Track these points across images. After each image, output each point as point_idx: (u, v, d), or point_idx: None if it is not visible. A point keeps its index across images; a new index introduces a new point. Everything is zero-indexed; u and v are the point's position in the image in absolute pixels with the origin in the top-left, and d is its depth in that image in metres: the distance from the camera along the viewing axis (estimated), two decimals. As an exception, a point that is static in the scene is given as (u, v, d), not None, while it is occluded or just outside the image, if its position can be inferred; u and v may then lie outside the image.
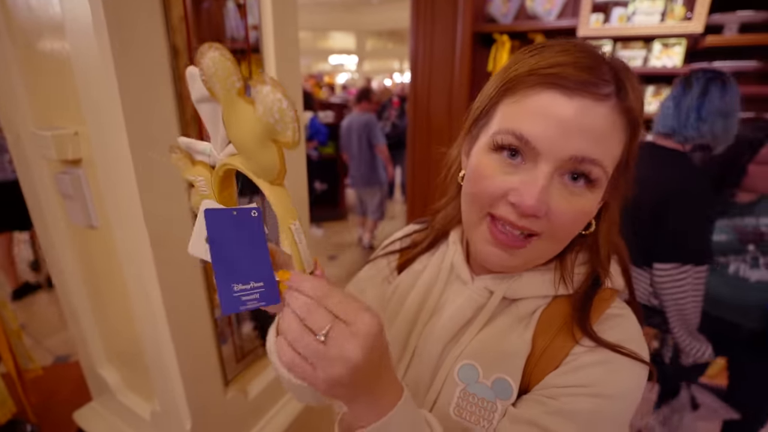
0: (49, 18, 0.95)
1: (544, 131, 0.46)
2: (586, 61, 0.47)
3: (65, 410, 1.63)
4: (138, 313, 1.11)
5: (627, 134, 0.49)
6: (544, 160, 0.47)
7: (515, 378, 0.54)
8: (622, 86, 0.47)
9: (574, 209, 0.49)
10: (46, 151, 1.00)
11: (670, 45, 2.25)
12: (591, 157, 0.46)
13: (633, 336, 0.54)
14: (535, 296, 0.58)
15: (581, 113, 0.46)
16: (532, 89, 0.48)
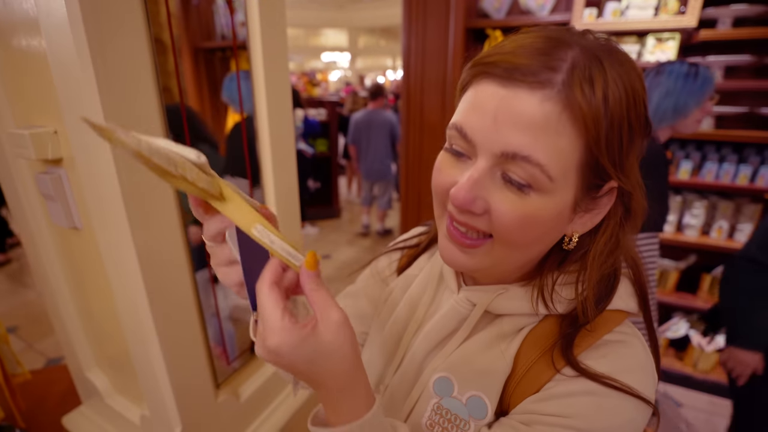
0: (24, 13, 0.92)
1: (477, 122, 0.44)
2: (536, 45, 0.42)
3: (55, 414, 1.60)
4: (124, 316, 1.08)
5: (576, 126, 0.42)
6: (481, 154, 0.45)
7: (491, 397, 0.51)
8: (571, 76, 0.41)
9: (516, 212, 0.44)
10: (24, 150, 0.97)
11: (664, 39, 2.24)
12: (523, 153, 0.42)
13: (630, 366, 0.48)
14: (518, 313, 0.54)
15: (512, 102, 0.42)
16: (475, 79, 0.47)
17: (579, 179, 0.45)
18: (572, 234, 0.50)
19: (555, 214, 0.46)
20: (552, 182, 0.43)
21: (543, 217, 0.45)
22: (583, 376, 0.47)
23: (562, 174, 0.43)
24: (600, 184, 0.47)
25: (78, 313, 1.38)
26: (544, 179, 0.43)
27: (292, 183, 1.44)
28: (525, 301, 0.53)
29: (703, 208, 2.31)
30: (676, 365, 2.51)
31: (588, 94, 0.41)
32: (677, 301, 2.45)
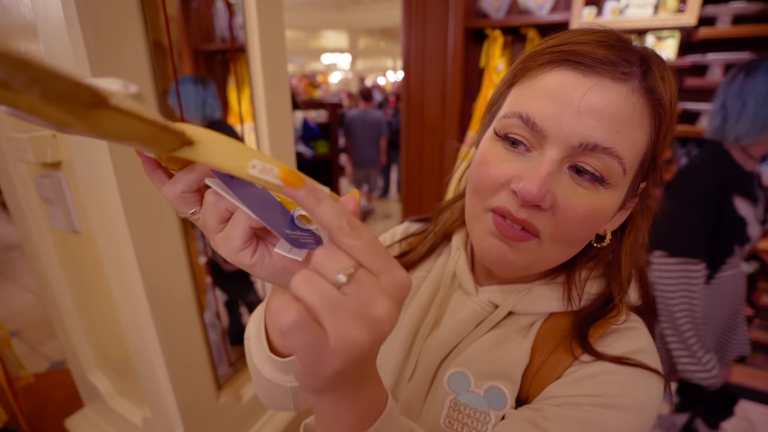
0: (21, 17, 0.93)
1: (551, 111, 0.41)
2: (608, 40, 0.42)
3: (58, 417, 1.60)
4: (124, 319, 1.09)
5: (653, 122, 0.43)
6: (551, 145, 0.42)
7: (510, 387, 0.50)
8: (648, 68, 0.42)
9: (585, 205, 0.42)
10: (23, 154, 0.97)
11: (663, 38, 2.24)
12: (605, 145, 0.40)
13: (643, 346, 0.49)
14: (542, 312, 0.53)
15: (596, 93, 0.40)
16: (545, 68, 0.44)
17: (636, 175, 0.45)
18: (606, 232, 0.50)
19: (613, 210, 0.45)
20: (624, 176, 0.43)
21: (606, 213, 0.44)
22: (601, 359, 0.47)
23: (632, 167, 0.43)
24: (640, 183, 0.47)
25: (79, 316, 1.38)
26: (620, 173, 0.42)
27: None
28: (552, 300, 0.52)
29: (704, 206, 2.31)
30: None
31: (665, 88, 0.42)
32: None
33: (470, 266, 0.60)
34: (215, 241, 0.37)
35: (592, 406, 0.45)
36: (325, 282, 0.27)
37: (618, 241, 0.51)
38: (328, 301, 0.26)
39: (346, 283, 0.27)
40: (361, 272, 0.27)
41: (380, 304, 0.27)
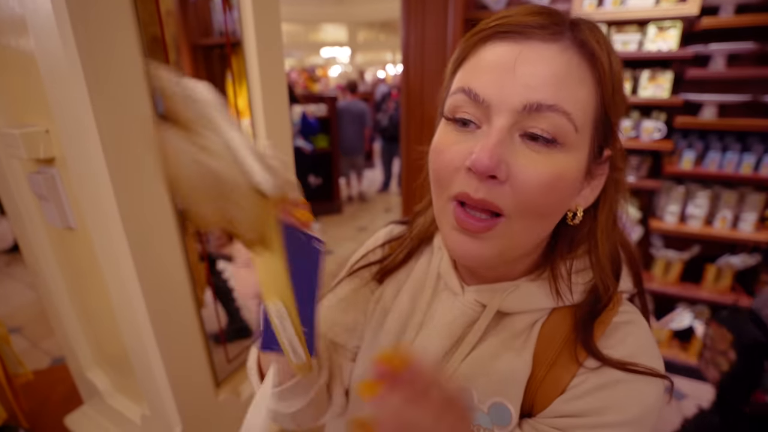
0: (10, 10, 0.91)
1: (491, 81, 0.41)
2: (537, 9, 0.43)
3: (57, 414, 1.60)
4: (120, 315, 1.08)
5: (593, 77, 0.43)
6: (497, 114, 0.41)
7: (515, 403, 0.49)
8: (578, 28, 0.42)
9: (544, 171, 0.41)
10: (15, 150, 0.96)
11: (665, 28, 2.20)
12: (548, 102, 0.40)
13: (645, 346, 0.48)
14: (532, 310, 0.52)
15: (529, 55, 0.41)
16: (479, 45, 0.44)
17: (592, 136, 0.44)
18: (576, 208, 0.48)
19: (576, 175, 0.44)
20: (577, 134, 0.42)
21: (568, 179, 0.43)
22: (607, 365, 0.46)
23: (583, 126, 0.43)
24: (603, 146, 0.46)
25: (76, 313, 1.37)
26: (571, 130, 0.41)
27: (290, 179, 1.43)
28: (539, 296, 0.51)
29: (706, 198, 2.29)
30: (680, 356, 2.50)
31: (600, 45, 0.42)
32: (681, 291, 2.43)
33: (454, 265, 0.58)
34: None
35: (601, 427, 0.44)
36: None
37: (593, 218, 0.50)
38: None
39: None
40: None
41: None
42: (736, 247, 2.42)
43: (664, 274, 2.51)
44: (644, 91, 2.30)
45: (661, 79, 2.26)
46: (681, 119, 2.20)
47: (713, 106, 2.23)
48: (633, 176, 2.45)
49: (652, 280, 2.54)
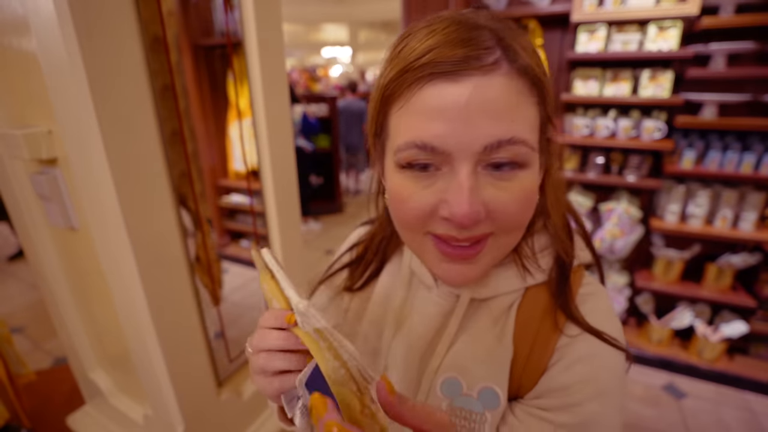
0: (12, 11, 0.91)
1: (444, 129, 0.40)
2: (458, 34, 0.40)
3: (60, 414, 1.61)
4: (123, 316, 1.08)
5: (536, 93, 0.43)
6: (459, 160, 0.41)
7: (502, 386, 0.50)
8: (509, 47, 0.41)
9: (514, 196, 0.42)
10: (18, 151, 0.96)
11: (666, 28, 2.20)
12: (507, 137, 0.40)
13: (610, 317, 0.51)
14: (505, 293, 0.53)
15: (477, 94, 0.39)
16: (413, 88, 0.41)
17: (540, 139, 0.45)
18: None
19: (537, 181, 0.46)
20: (534, 152, 0.43)
21: (535, 189, 0.45)
22: (585, 331, 0.48)
23: (536, 140, 0.43)
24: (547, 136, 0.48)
25: (78, 313, 1.38)
26: (529, 152, 0.42)
27: (291, 179, 1.43)
28: (509, 279, 0.53)
29: (706, 197, 2.28)
30: (681, 355, 2.50)
31: (531, 57, 0.42)
32: (682, 291, 2.43)
33: None
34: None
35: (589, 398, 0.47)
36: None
37: (543, 194, 0.51)
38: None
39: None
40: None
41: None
42: (736, 246, 2.42)
43: (665, 274, 2.51)
44: (645, 91, 2.30)
45: (661, 78, 2.26)
46: (681, 119, 2.20)
47: (714, 105, 2.23)
48: (634, 176, 2.45)
49: (653, 279, 2.54)
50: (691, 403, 2.29)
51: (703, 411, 2.24)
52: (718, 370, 2.40)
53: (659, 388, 2.39)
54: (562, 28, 2.49)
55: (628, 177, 2.45)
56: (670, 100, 2.22)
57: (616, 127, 2.40)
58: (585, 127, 2.44)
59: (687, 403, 2.29)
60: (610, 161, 2.53)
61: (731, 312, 2.46)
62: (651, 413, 2.21)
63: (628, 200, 2.50)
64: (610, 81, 2.39)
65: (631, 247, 2.47)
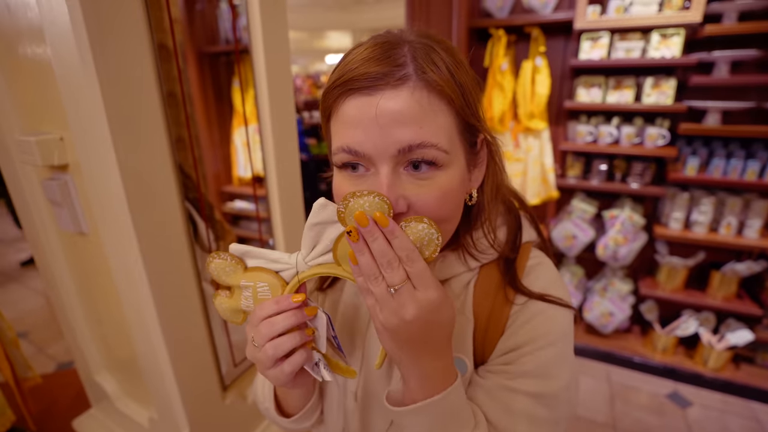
0: (28, 21, 0.93)
1: (362, 136, 0.47)
2: (375, 53, 0.47)
3: (65, 418, 1.62)
4: (131, 320, 1.09)
5: (447, 101, 0.48)
6: (379, 162, 0.47)
7: (467, 353, 0.58)
8: (419, 64, 0.47)
9: (431, 192, 0.48)
10: (30, 157, 0.98)
11: (669, 35, 2.22)
12: (416, 142, 0.46)
13: (554, 281, 0.59)
14: (458, 274, 0.60)
15: (386, 105, 0.46)
16: (339, 101, 0.49)
17: (462, 143, 0.51)
18: (471, 191, 0.57)
19: (460, 180, 0.51)
20: (448, 155, 0.48)
21: (456, 186, 0.50)
22: (531, 298, 0.57)
23: (451, 144, 0.49)
24: (475, 140, 0.54)
25: (86, 317, 1.39)
26: (442, 155, 0.48)
27: (296, 184, 1.44)
28: (458, 264, 0.60)
29: (710, 204, 2.28)
30: (686, 363, 2.48)
31: (438, 72, 0.47)
32: (686, 298, 2.42)
33: None
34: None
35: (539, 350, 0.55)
36: (383, 284, 0.45)
37: (481, 192, 0.58)
38: (380, 296, 0.45)
39: (395, 290, 0.45)
40: (407, 285, 0.45)
41: (410, 309, 0.44)
42: (741, 254, 2.42)
43: (669, 281, 2.50)
44: (648, 98, 2.31)
45: (664, 86, 2.27)
46: (685, 126, 2.21)
47: (717, 112, 2.23)
48: (637, 183, 2.45)
49: (657, 287, 2.54)
50: (697, 411, 2.27)
51: (708, 420, 2.22)
52: (723, 379, 2.38)
53: (664, 397, 2.38)
54: (565, 35, 2.51)
55: (631, 184, 2.45)
56: (673, 108, 2.23)
57: (619, 134, 2.41)
58: (588, 134, 2.45)
59: (692, 411, 2.28)
60: (614, 168, 2.54)
61: (736, 320, 2.45)
62: (656, 422, 2.20)
63: (631, 207, 2.50)
64: (613, 88, 2.40)
65: (635, 254, 2.47)
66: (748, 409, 2.29)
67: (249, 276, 0.51)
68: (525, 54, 2.58)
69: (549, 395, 0.54)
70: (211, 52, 3.55)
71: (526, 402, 0.54)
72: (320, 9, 9.29)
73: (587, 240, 2.52)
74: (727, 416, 2.24)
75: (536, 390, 0.54)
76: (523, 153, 2.63)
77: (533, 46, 2.50)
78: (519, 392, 0.54)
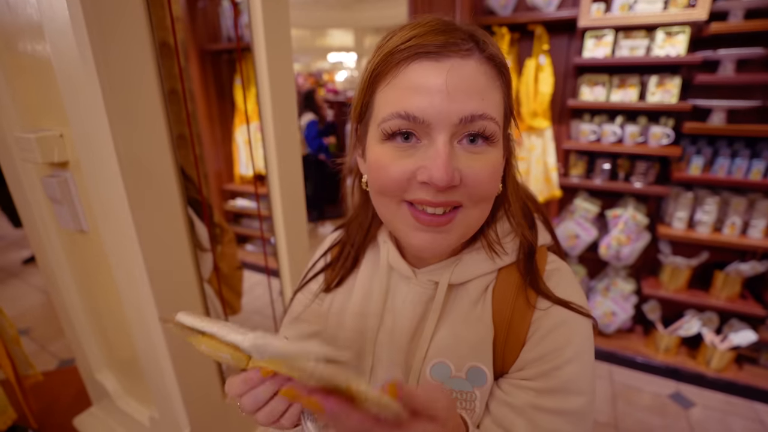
0: (28, 17, 0.93)
1: (427, 102, 0.46)
2: (439, 27, 0.47)
3: (66, 415, 1.61)
4: (131, 318, 1.09)
5: (501, 80, 0.50)
6: (438, 130, 0.47)
7: (487, 363, 0.56)
8: (479, 40, 0.48)
9: (485, 167, 0.49)
10: (30, 154, 0.97)
11: (674, 33, 2.20)
12: (479, 112, 0.46)
13: (575, 288, 0.57)
14: (480, 275, 0.58)
15: (455, 73, 0.46)
16: (400, 66, 0.48)
17: (504, 126, 0.52)
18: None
19: (502, 161, 0.52)
20: (500, 131, 0.50)
21: (500, 165, 0.52)
22: (554, 303, 0.55)
23: (502, 122, 0.50)
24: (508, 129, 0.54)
25: (86, 315, 1.39)
26: (498, 130, 0.49)
27: (298, 182, 1.44)
28: (481, 262, 0.58)
29: (715, 204, 2.27)
30: (688, 363, 2.47)
31: (498, 51, 0.49)
32: (689, 298, 2.41)
33: (402, 255, 0.63)
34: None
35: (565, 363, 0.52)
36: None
37: (504, 185, 0.57)
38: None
39: None
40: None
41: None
42: (745, 254, 2.40)
43: (672, 281, 2.49)
44: (652, 97, 2.29)
45: (669, 84, 2.26)
46: (689, 125, 2.19)
47: (722, 111, 2.22)
48: (641, 182, 2.44)
49: (660, 287, 2.53)
50: (699, 412, 2.26)
51: (711, 420, 2.21)
52: (726, 379, 2.37)
53: (666, 397, 2.36)
54: (569, 33, 2.49)
55: (635, 183, 2.44)
56: (677, 106, 2.21)
57: (623, 133, 2.39)
58: (592, 133, 2.44)
59: (695, 412, 2.27)
60: (617, 167, 2.52)
61: (740, 320, 2.44)
62: (658, 422, 2.19)
63: (634, 207, 2.49)
64: (617, 87, 2.38)
65: (638, 254, 2.45)
66: (751, 410, 2.28)
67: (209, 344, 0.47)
68: (528, 52, 2.57)
69: (575, 412, 0.53)
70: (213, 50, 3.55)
71: (553, 420, 0.52)
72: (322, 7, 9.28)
73: (590, 239, 2.51)
74: (729, 417, 2.23)
75: (563, 407, 0.52)
76: (526, 152, 2.61)
77: (536, 44, 2.49)
78: (545, 410, 0.52)
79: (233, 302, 1.91)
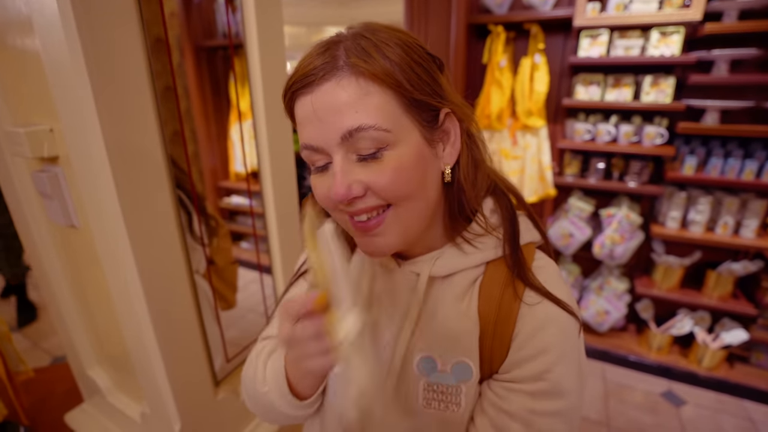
0: (16, 10, 0.92)
1: (312, 131, 0.51)
2: (315, 53, 0.51)
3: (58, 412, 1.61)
4: (122, 314, 1.08)
5: (376, 83, 0.49)
6: (332, 152, 0.50)
7: (473, 358, 0.56)
8: (344, 54, 0.49)
9: (384, 171, 0.50)
10: (20, 148, 0.97)
11: (668, 33, 2.20)
12: (354, 126, 0.48)
13: (562, 286, 0.58)
14: (464, 268, 0.59)
15: (323, 97, 0.49)
16: (293, 103, 0.53)
17: (412, 119, 0.52)
18: (444, 168, 0.56)
19: (417, 157, 0.52)
20: (391, 133, 0.50)
21: (410, 163, 0.51)
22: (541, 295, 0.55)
23: (393, 122, 0.50)
24: (434, 115, 0.54)
25: (78, 311, 1.38)
26: (384, 134, 0.49)
27: (291, 180, 1.43)
28: (463, 255, 0.59)
29: (708, 204, 2.28)
30: (680, 362, 2.48)
31: (369, 60, 0.49)
32: (682, 297, 2.42)
33: None
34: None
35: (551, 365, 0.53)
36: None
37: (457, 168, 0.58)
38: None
39: None
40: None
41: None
42: (737, 254, 2.42)
43: (665, 280, 2.50)
44: (646, 97, 2.30)
45: (663, 84, 2.26)
46: (683, 125, 2.20)
47: (716, 111, 2.23)
48: (635, 181, 2.45)
49: (653, 286, 2.54)
50: (691, 410, 2.28)
51: (702, 419, 2.23)
52: (717, 378, 2.39)
53: (658, 395, 2.38)
54: (565, 33, 2.50)
55: (629, 183, 2.44)
56: (672, 106, 2.22)
57: (617, 132, 2.40)
58: (586, 132, 2.44)
59: (686, 410, 2.28)
60: (611, 167, 2.53)
61: (732, 319, 2.45)
62: (650, 420, 2.20)
63: (628, 206, 2.50)
64: (612, 86, 2.39)
65: (631, 253, 2.46)
66: (741, 408, 2.30)
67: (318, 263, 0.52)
68: (524, 51, 2.57)
69: (566, 411, 0.55)
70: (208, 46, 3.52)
71: (548, 422, 0.54)
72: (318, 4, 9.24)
73: (584, 238, 2.52)
74: (720, 415, 2.25)
75: (557, 408, 0.54)
76: (521, 150, 2.62)
77: (532, 43, 2.49)
78: (540, 413, 0.54)
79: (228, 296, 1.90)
